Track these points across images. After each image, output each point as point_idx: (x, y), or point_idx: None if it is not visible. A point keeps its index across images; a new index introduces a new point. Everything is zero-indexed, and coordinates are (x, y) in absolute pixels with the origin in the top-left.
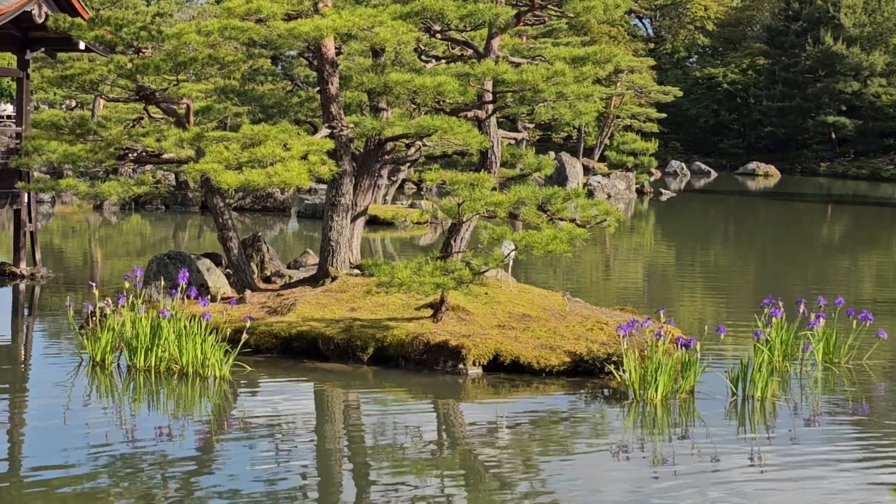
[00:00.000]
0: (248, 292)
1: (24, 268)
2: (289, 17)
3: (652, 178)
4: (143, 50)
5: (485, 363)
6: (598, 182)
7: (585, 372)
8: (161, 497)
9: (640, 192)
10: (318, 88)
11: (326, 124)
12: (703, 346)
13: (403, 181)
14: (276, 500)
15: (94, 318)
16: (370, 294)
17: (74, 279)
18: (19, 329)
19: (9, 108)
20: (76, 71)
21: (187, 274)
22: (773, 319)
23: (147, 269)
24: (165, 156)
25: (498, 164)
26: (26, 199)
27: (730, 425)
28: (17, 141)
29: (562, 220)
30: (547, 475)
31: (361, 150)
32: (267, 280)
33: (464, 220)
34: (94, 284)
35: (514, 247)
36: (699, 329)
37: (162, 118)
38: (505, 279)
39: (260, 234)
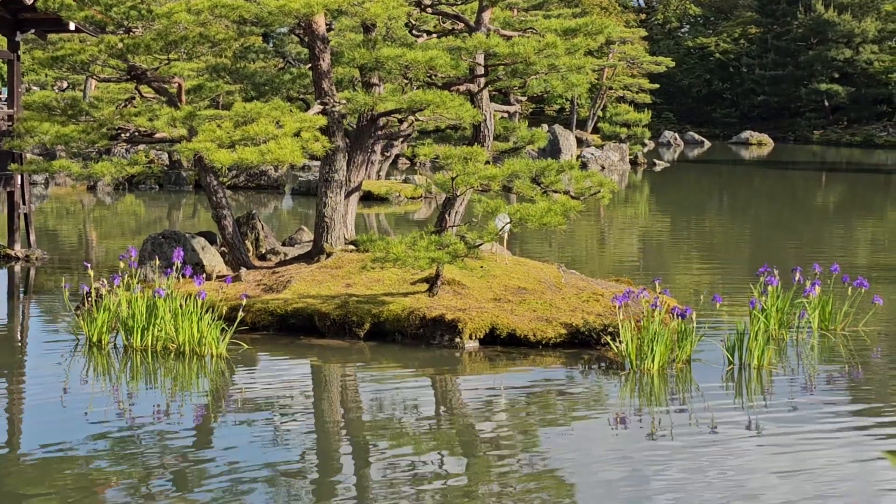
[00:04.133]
0: (243, 270)
1: (18, 250)
2: None
3: (645, 149)
4: (134, 29)
5: (481, 337)
6: (592, 154)
7: (582, 343)
8: (160, 476)
9: (634, 163)
10: (309, 65)
11: (319, 101)
12: (699, 315)
13: (397, 156)
14: (275, 477)
15: (89, 299)
16: (365, 270)
17: (69, 260)
18: (15, 311)
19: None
20: (67, 52)
21: (182, 253)
22: (769, 288)
23: (142, 248)
24: (158, 135)
25: (491, 138)
26: (19, 181)
27: (727, 394)
28: (9, 123)
29: (556, 192)
30: (544, 446)
31: (354, 126)
32: (262, 258)
33: (458, 194)
34: (89, 265)
35: (508, 220)
36: (695, 299)
37: (154, 98)
38: (500, 252)
39: (254, 211)
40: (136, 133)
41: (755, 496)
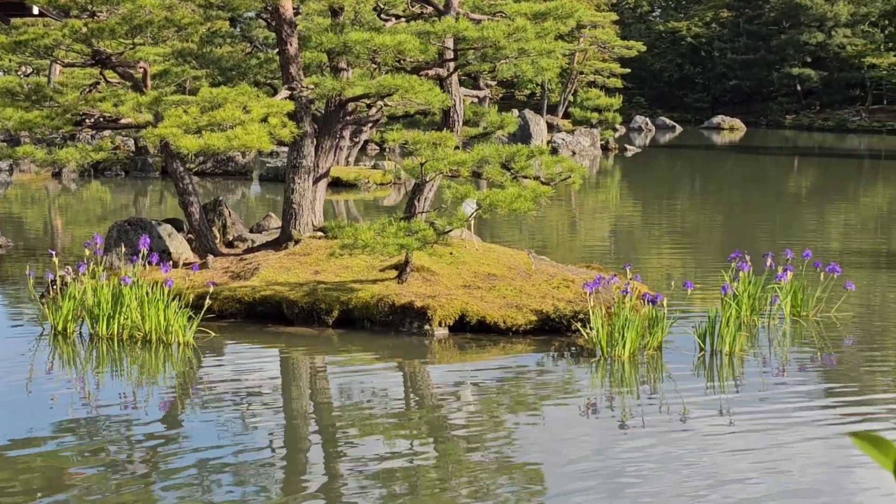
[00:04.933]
0: (210, 257)
1: None
2: None
3: (616, 134)
4: (98, 13)
5: (451, 324)
6: (563, 139)
7: (552, 330)
8: (126, 466)
9: (605, 149)
10: (276, 50)
11: (286, 86)
12: (670, 301)
13: (366, 142)
14: (243, 467)
15: (54, 287)
16: (334, 256)
17: (34, 248)
18: None
19: None
20: (30, 36)
21: (148, 240)
22: (741, 273)
23: (107, 236)
24: (123, 121)
25: (461, 123)
26: None
27: (698, 381)
28: None
29: (526, 177)
30: (515, 434)
31: (322, 112)
32: (229, 245)
33: (427, 179)
34: (54, 253)
35: (476, 205)
36: (666, 285)
37: (119, 83)
38: (469, 239)
39: (221, 198)
40: (102, 119)
41: (728, 483)
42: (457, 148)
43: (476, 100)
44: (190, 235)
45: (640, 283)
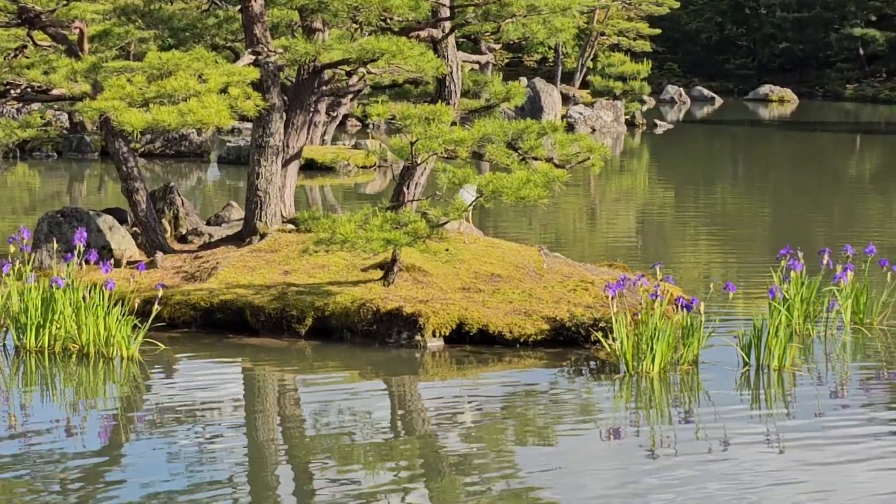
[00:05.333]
0: (159, 255)
1: None
2: None
3: (645, 108)
4: None
5: (447, 333)
6: (580, 113)
7: (567, 341)
8: (59, 503)
9: (631, 125)
10: (238, 6)
11: (250, 50)
12: (708, 307)
13: (345, 117)
14: None
15: None
16: (307, 254)
17: None
18: None
19: None
20: None
21: (85, 234)
22: (792, 273)
23: (36, 229)
24: (55, 91)
25: (458, 94)
26: None
27: (741, 401)
28: None
29: (536, 159)
30: (523, 467)
31: (293, 81)
32: (182, 239)
33: (418, 161)
34: None
35: (477, 192)
36: (703, 287)
37: (50, 46)
38: (469, 232)
39: (173, 184)
40: (29, 89)
41: None
42: (454, 124)
43: (477, 67)
44: (135, 229)
45: (672, 284)
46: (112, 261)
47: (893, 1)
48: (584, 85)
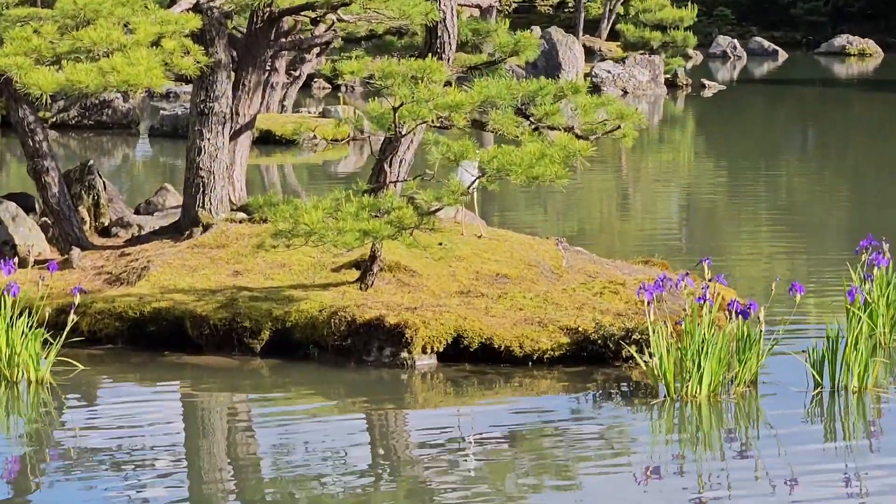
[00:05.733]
0: (75, 251)
1: None
2: None
3: (690, 64)
4: None
5: (441, 349)
6: (608, 71)
7: (593, 358)
8: None
9: (672, 86)
10: None
11: None
12: (770, 313)
13: (310, 77)
14: None
15: None
16: (263, 249)
17: None
18: None
19: None
20: None
21: None
22: (875, 271)
23: None
24: None
25: (454, 47)
26: None
27: (812, 432)
28: None
29: (553, 128)
30: None
31: (244, 31)
32: (105, 232)
33: (403, 132)
34: None
35: (478, 171)
36: (764, 288)
37: None
38: (469, 222)
39: (92, 162)
40: None
41: None
42: (448, 84)
43: (477, 12)
44: (45, 219)
45: (724, 286)
46: (16, 259)
47: None
48: (613, 36)
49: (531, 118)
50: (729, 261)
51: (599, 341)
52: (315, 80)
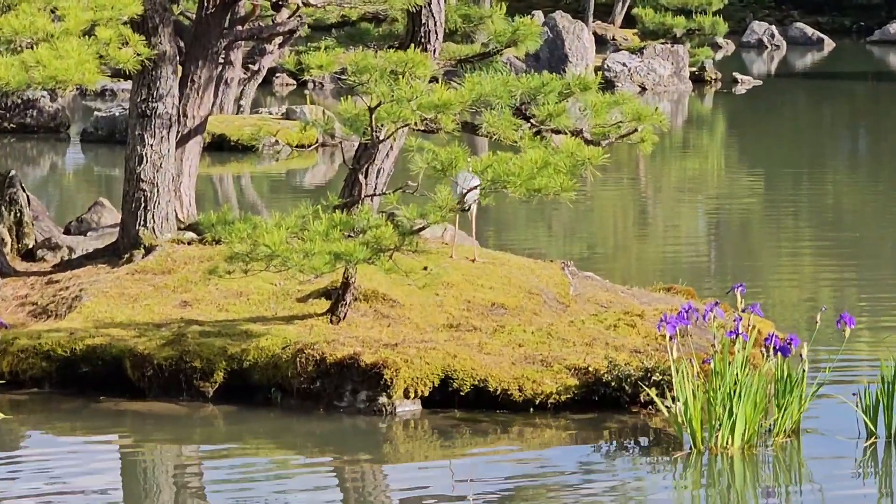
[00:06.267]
0: None
1: None
2: None
3: (719, 55)
4: None
5: (426, 393)
6: (624, 64)
7: (606, 403)
8: None
9: (699, 80)
10: None
11: None
12: (814, 349)
13: (271, 72)
14: None
15: None
16: (215, 276)
17: None
18: None
19: None
20: None
21: None
22: None
23: None
24: None
25: (441, 37)
26: None
27: (864, 491)
28: None
29: (558, 132)
30: None
31: (193, 18)
32: (29, 255)
33: (381, 137)
34: None
35: (476, 182)
36: (807, 320)
37: None
38: (460, 242)
39: (14, 172)
40: None
41: None
42: (434, 80)
43: None
44: None
45: (760, 317)
46: None
47: None
48: (629, 22)
49: (532, 120)
50: (766, 287)
51: (613, 383)
52: (277, 75)
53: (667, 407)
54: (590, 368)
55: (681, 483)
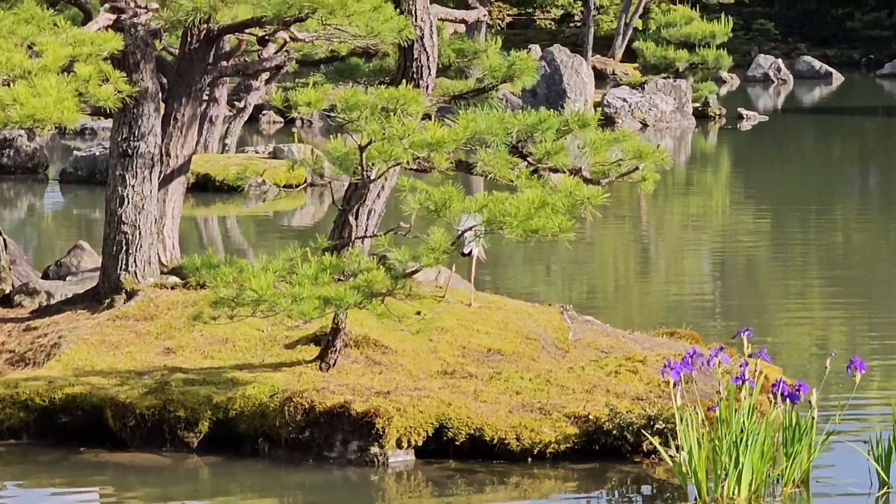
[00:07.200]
0: None
1: None
2: None
3: (724, 90)
4: None
5: (420, 443)
6: (624, 100)
7: (607, 452)
8: None
9: (703, 116)
10: None
11: (108, 5)
12: (824, 396)
13: (257, 109)
14: None
15: None
16: (200, 321)
17: None
18: None
19: None
20: None
21: None
22: None
23: None
24: None
25: (433, 72)
26: None
27: None
28: None
29: (556, 171)
30: None
31: (176, 54)
32: (6, 301)
33: (372, 177)
34: None
35: (478, 222)
36: (817, 365)
37: None
38: (455, 286)
39: None
40: None
41: None
42: (427, 118)
43: (463, 28)
44: None
45: (767, 362)
46: None
47: None
48: (630, 56)
49: (529, 158)
50: (773, 332)
51: (615, 432)
52: (264, 112)
53: (671, 456)
54: (590, 416)
55: None
